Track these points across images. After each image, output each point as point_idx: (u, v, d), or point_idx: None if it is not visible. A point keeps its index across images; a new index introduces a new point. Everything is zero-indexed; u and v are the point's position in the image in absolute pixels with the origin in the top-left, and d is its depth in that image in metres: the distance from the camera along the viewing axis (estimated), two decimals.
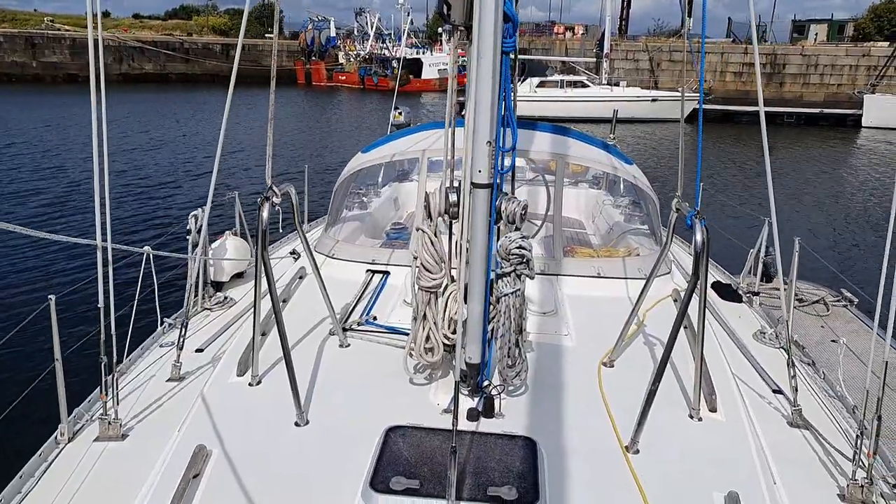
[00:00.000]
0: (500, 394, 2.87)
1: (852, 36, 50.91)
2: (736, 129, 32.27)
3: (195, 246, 4.50)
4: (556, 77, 35.18)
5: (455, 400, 2.19)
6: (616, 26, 46.60)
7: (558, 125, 6.15)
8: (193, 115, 33.29)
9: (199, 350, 3.93)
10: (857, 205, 18.19)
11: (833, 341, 6.59)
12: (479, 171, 2.68)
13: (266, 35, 66.38)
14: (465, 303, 2.83)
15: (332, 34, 60.37)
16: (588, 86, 34.70)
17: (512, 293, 2.78)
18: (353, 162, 5.60)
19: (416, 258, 2.86)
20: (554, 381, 3.18)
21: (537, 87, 34.48)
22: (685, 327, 3.89)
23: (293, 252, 5.63)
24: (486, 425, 2.76)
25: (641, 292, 3.45)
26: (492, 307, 2.86)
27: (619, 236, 5.72)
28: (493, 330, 2.86)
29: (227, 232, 5.48)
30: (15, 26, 54.26)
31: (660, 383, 2.79)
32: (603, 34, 36.88)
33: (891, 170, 23.62)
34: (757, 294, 5.45)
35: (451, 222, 2.93)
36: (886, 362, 2.74)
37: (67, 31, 54.16)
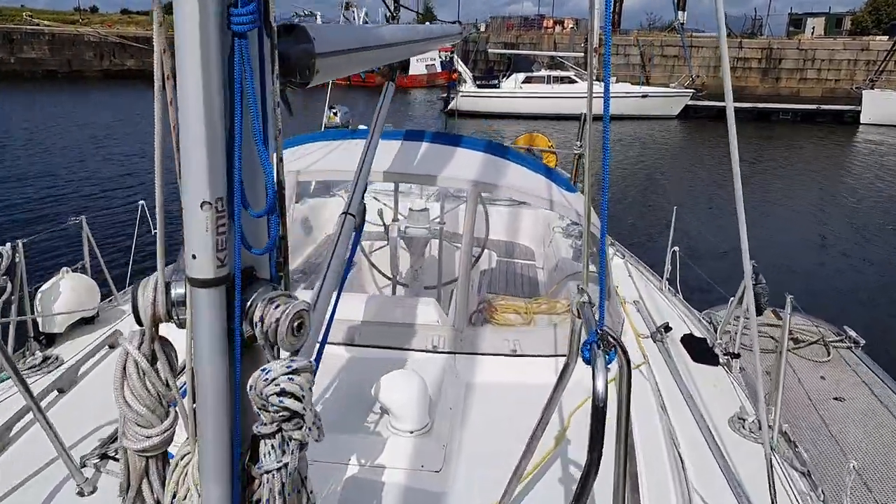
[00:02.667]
0: None
1: (850, 30, 49.81)
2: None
3: (1, 291, 3.38)
4: (543, 72, 33.88)
5: None
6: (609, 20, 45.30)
7: (494, 142, 4.93)
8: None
9: None
10: (858, 212, 16.71)
11: (836, 399, 5.39)
12: (194, 257, 1.45)
13: None
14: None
15: None
16: (576, 81, 33.39)
17: (277, 469, 1.55)
18: None
19: (120, 398, 1.63)
20: None
21: (523, 83, 33.23)
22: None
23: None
24: None
25: (549, 401, 2.20)
26: (251, 489, 1.64)
27: (561, 281, 4.49)
28: None
29: (65, 269, 4.33)
30: None
31: None
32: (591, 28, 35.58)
33: (891, 171, 22.39)
34: (737, 356, 4.25)
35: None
36: None
37: (47, 26, 53.04)
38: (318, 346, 1.89)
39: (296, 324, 1.52)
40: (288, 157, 4.28)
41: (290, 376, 1.51)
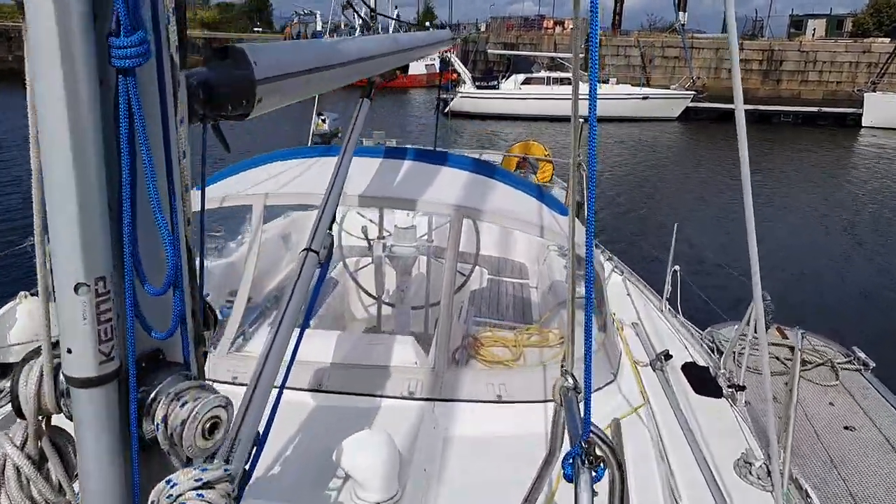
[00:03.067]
0: None
1: (851, 31, 49.54)
2: (732, 128, 30.74)
3: None
4: (543, 74, 33.57)
5: None
6: (609, 21, 45.11)
7: (480, 160, 4.60)
8: None
9: None
10: (864, 220, 16.26)
11: (846, 429, 5.09)
12: (69, 351, 1.15)
13: (254, 30, 64.53)
14: None
15: (319, 28, 58.88)
16: None
17: None
18: None
19: None
20: None
21: (522, 84, 32.94)
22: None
23: None
24: None
25: (532, 490, 1.91)
26: None
27: (553, 308, 4.18)
28: None
29: (22, 293, 4.03)
30: None
31: None
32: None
33: (894, 175, 22.08)
34: (743, 389, 3.96)
35: None
36: None
37: None
38: (276, 393, 1.62)
39: (208, 425, 1.22)
40: (259, 177, 3.97)
41: (200, 492, 1.20)
